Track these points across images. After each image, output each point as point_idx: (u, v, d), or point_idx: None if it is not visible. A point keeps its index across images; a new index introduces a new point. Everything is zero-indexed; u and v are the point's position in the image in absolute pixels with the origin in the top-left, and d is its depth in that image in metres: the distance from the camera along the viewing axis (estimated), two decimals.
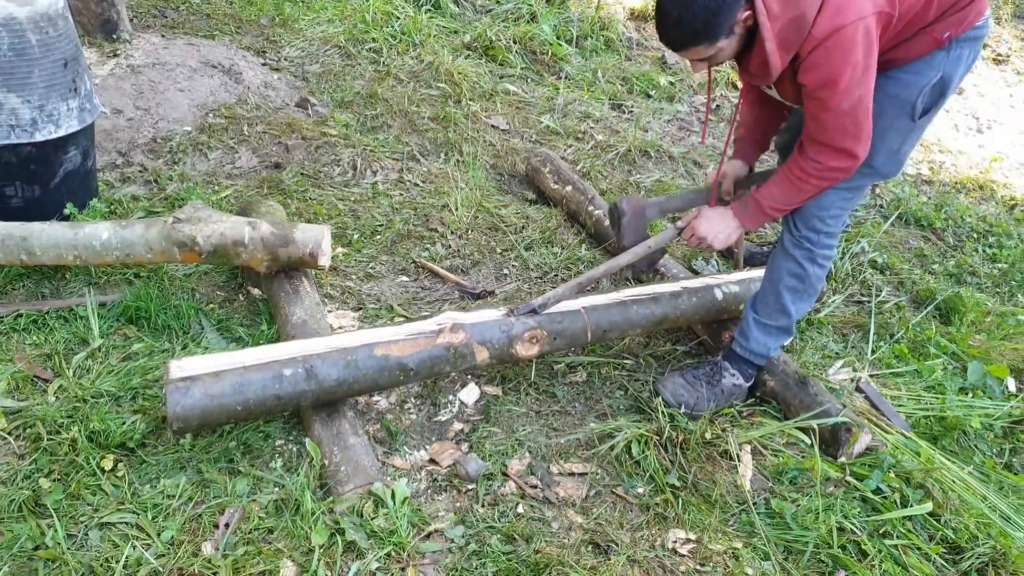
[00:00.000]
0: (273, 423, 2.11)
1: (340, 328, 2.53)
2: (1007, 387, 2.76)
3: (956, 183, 4.43)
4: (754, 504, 2.07)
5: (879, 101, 1.97)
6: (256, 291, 2.62)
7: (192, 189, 3.04)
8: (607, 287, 2.77)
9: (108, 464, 1.87)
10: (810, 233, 2.20)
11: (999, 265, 3.59)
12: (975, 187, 4.40)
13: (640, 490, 2.09)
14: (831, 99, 1.87)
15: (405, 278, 2.88)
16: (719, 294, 2.57)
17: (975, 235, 3.81)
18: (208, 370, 1.93)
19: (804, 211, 2.19)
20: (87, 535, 1.73)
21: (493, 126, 4.08)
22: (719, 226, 2.25)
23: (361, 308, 2.66)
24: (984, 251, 3.69)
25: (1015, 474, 2.39)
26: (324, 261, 2.48)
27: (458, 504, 1.98)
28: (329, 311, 2.59)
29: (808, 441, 2.28)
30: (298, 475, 1.91)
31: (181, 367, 1.92)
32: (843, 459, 2.25)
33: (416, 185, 3.43)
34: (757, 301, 2.36)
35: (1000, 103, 5.68)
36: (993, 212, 4.11)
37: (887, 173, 2.19)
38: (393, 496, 1.88)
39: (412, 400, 2.30)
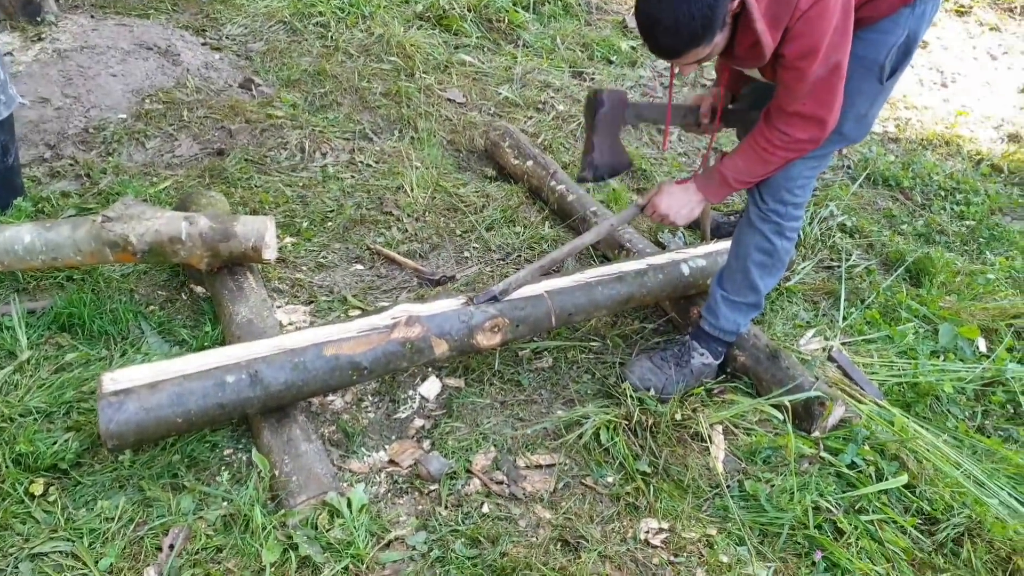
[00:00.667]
0: (220, 431, 1.99)
1: (290, 324, 2.40)
2: (977, 347, 2.72)
3: (922, 139, 4.38)
4: (728, 487, 2.00)
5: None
6: (200, 289, 2.47)
7: (128, 182, 2.86)
8: (572, 266, 2.66)
9: (38, 489, 1.74)
10: (778, 206, 2.11)
11: (967, 222, 3.54)
12: (941, 143, 4.35)
13: (610, 479, 2.01)
14: (809, 68, 1.78)
15: (359, 266, 2.74)
16: (686, 269, 2.48)
17: (943, 192, 3.76)
18: (144, 381, 1.80)
19: (771, 183, 2.10)
20: (17, 568, 1.60)
21: (449, 99, 3.91)
22: (681, 201, 2.15)
23: (313, 301, 2.52)
24: (952, 208, 3.65)
25: (988, 437, 2.35)
26: (269, 255, 2.34)
27: (420, 507, 1.88)
28: (278, 306, 2.46)
29: (781, 417, 2.22)
30: (247, 488, 1.80)
31: (115, 379, 1.79)
32: (817, 433, 2.20)
33: (368, 166, 3.28)
34: (724, 277, 2.27)
35: (964, 55, 5.62)
36: (960, 168, 4.06)
37: (855, 138, 2.11)
38: (349, 504, 1.78)
39: (369, 397, 2.19)
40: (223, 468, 1.89)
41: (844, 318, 2.77)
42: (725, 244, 2.57)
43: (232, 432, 2.01)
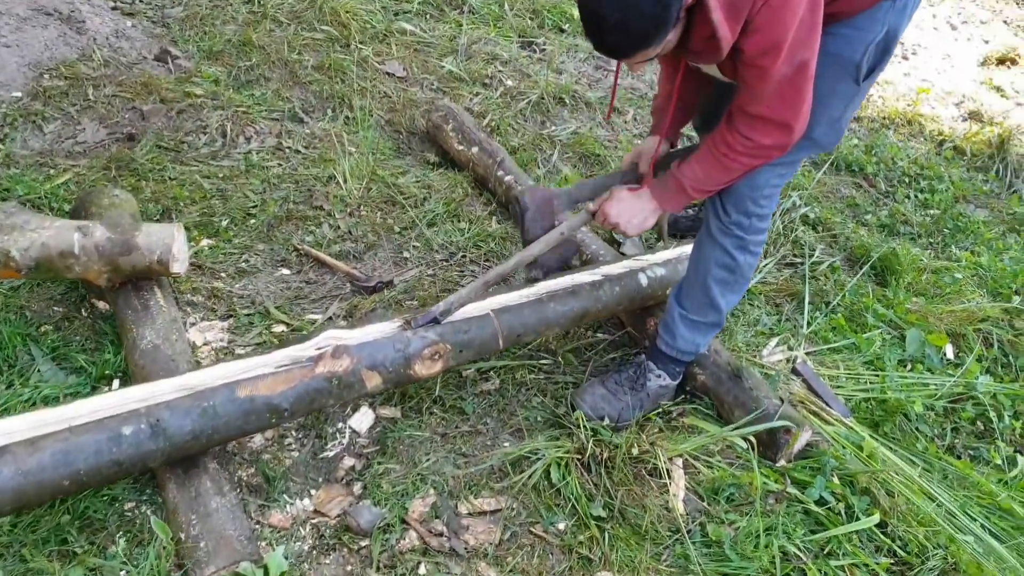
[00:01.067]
0: (120, 482, 1.74)
1: (205, 344, 2.14)
2: (945, 355, 2.61)
3: (885, 118, 4.24)
4: (688, 532, 1.85)
5: (819, 62, 1.66)
6: (102, 304, 2.19)
7: (19, 176, 2.51)
8: (521, 278, 2.44)
9: None
10: (741, 218, 1.91)
11: (931, 211, 3.43)
12: (904, 122, 4.22)
13: (561, 526, 1.83)
14: (772, 65, 1.56)
15: (286, 271, 2.48)
16: (644, 279, 2.28)
17: (907, 179, 3.63)
18: (22, 435, 1.54)
19: (734, 192, 1.90)
20: None
21: (388, 73, 3.60)
22: (634, 209, 1.94)
23: (232, 315, 2.26)
24: (916, 196, 3.52)
25: (958, 458, 2.25)
26: (178, 267, 2.06)
27: (349, 567, 1.68)
28: (192, 323, 2.19)
29: (744, 445, 2.06)
30: (147, 556, 1.57)
31: None
32: (783, 462, 2.05)
33: (297, 152, 2.98)
34: (683, 294, 2.08)
35: (924, 25, 5.49)
36: (923, 151, 3.94)
37: (826, 145, 1.91)
38: (267, 572, 1.56)
39: (293, 433, 1.96)
40: (121, 530, 1.65)
41: (808, 323, 2.63)
42: (687, 249, 2.38)
43: (134, 482, 1.76)
